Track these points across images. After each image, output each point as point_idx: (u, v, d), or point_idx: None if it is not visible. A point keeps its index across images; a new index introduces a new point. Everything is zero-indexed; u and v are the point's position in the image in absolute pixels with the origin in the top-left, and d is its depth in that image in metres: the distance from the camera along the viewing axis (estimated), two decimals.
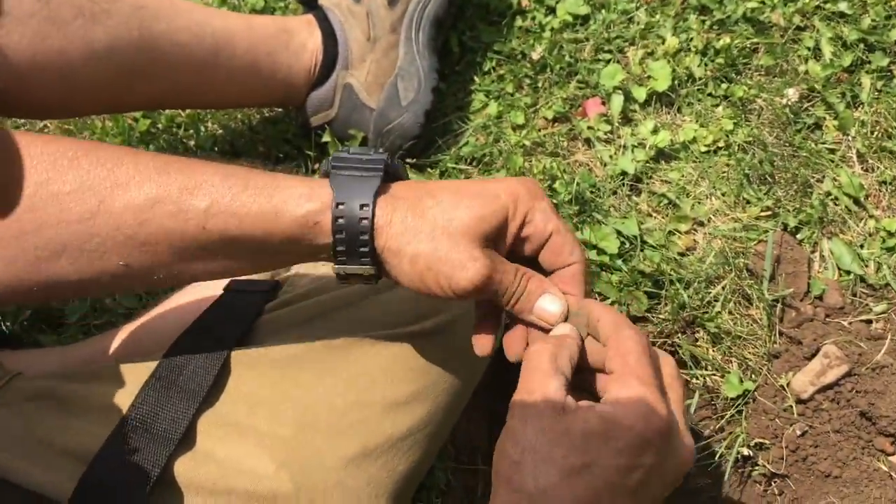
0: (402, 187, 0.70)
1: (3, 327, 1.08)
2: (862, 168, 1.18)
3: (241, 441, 0.76)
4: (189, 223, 0.67)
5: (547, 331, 0.71)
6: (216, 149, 1.23)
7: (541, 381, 0.64)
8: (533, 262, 0.73)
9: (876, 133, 1.19)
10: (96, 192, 0.66)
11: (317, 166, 1.20)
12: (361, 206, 0.67)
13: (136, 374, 0.79)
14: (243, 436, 0.76)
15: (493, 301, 0.71)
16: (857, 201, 1.16)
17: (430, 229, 0.67)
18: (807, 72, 1.22)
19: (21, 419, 0.74)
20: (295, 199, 0.68)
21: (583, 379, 0.70)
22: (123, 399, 0.77)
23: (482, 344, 0.74)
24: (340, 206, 0.67)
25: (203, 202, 0.67)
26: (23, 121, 1.19)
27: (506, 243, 0.71)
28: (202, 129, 1.24)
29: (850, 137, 1.19)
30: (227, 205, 0.67)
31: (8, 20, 0.85)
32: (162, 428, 0.75)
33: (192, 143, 1.24)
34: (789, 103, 1.20)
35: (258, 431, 0.77)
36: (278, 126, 1.23)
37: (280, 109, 1.24)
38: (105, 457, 0.73)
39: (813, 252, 1.13)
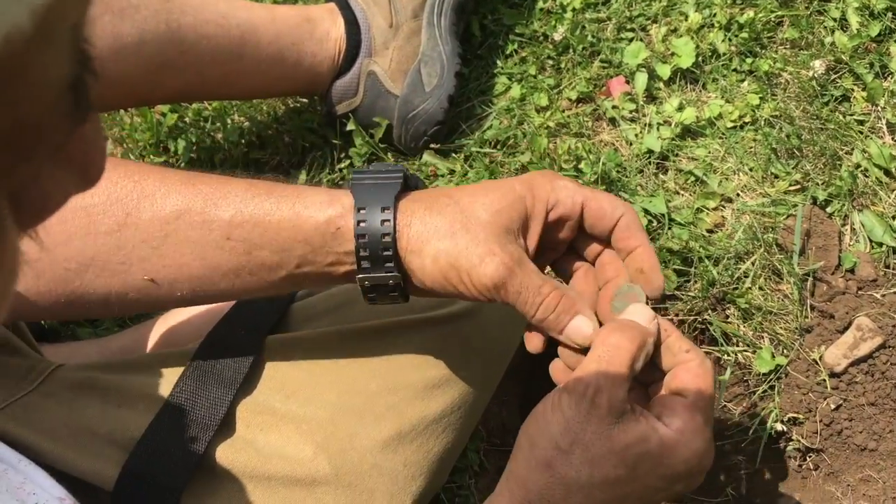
0: (419, 193, 0.70)
1: (42, 322, 1.11)
2: (892, 139, 1.17)
3: (278, 427, 0.77)
4: (213, 233, 0.68)
5: (571, 349, 0.69)
6: (243, 140, 1.24)
7: (613, 381, 0.63)
8: (577, 249, 0.73)
9: None
10: (124, 204, 0.67)
11: (342, 155, 1.21)
12: (382, 209, 0.67)
13: (173, 364, 0.80)
14: (281, 422, 0.78)
15: (567, 233, 0.70)
16: (887, 172, 1.14)
17: (449, 226, 0.66)
18: (833, 43, 1.21)
19: (65, 409, 0.76)
20: (316, 206, 0.68)
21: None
22: (162, 388, 0.78)
23: (532, 342, 0.72)
24: (362, 211, 0.67)
25: (227, 212, 0.68)
26: None
27: (535, 234, 0.69)
28: (229, 121, 1.25)
29: (879, 108, 1.18)
30: (251, 214, 0.68)
31: None
32: (201, 416, 0.76)
33: (219, 135, 1.25)
34: (816, 76, 1.18)
35: (295, 417, 0.78)
36: (303, 116, 1.24)
37: (305, 99, 1.25)
38: (146, 445, 0.74)
39: (843, 225, 1.12)
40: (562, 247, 0.73)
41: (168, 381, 0.78)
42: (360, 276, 0.68)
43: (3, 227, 0.26)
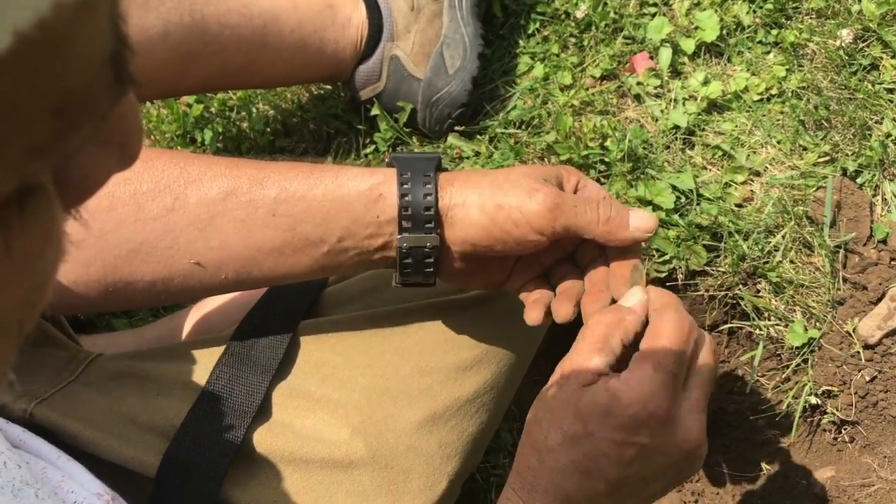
0: (455, 172, 0.75)
1: (78, 314, 1.12)
2: None
3: (314, 410, 0.78)
4: (259, 211, 0.70)
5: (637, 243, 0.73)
6: (268, 129, 1.25)
7: (584, 354, 0.67)
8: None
9: None
10: (172, 189, 0.70)
11: (368, 140, 1.22)
12: (424, 175, 0.71)
13: (209, 351, 0.81)
14: (317, 405, 0.79)
15: (574, 238, 0.72)
16: None
17: (491, 181, 0.71)
18: (860, 11, 1.19)
19: (105, 398, 0.77)
20: (359, 177, 0.72)
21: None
22: (200, 375, 0.79)
23: (532, 315, 0.75)
24: (404, 176, 0.71)
25: (272, 190, 0.70)
26: None
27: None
28: (254, 110, 1.26)
29: None
30: (295, 189, 0.71)
31: None
32: (238, 402, 0.77)
33: (244, 124, 1.26)
34: (843, 45, 1.17)
35: (331, 400, 0.79)
36: (327, 102, 1.25)
37: (328, 86, 1.25)
38: (186, 432, 0.76)
39: (874, 195, 1.11)
40: (567, 246, 0.77)
41: (205, 368, 0.79)
42: (399, 237, 0.71)
43: (51, 204, 0.27)
